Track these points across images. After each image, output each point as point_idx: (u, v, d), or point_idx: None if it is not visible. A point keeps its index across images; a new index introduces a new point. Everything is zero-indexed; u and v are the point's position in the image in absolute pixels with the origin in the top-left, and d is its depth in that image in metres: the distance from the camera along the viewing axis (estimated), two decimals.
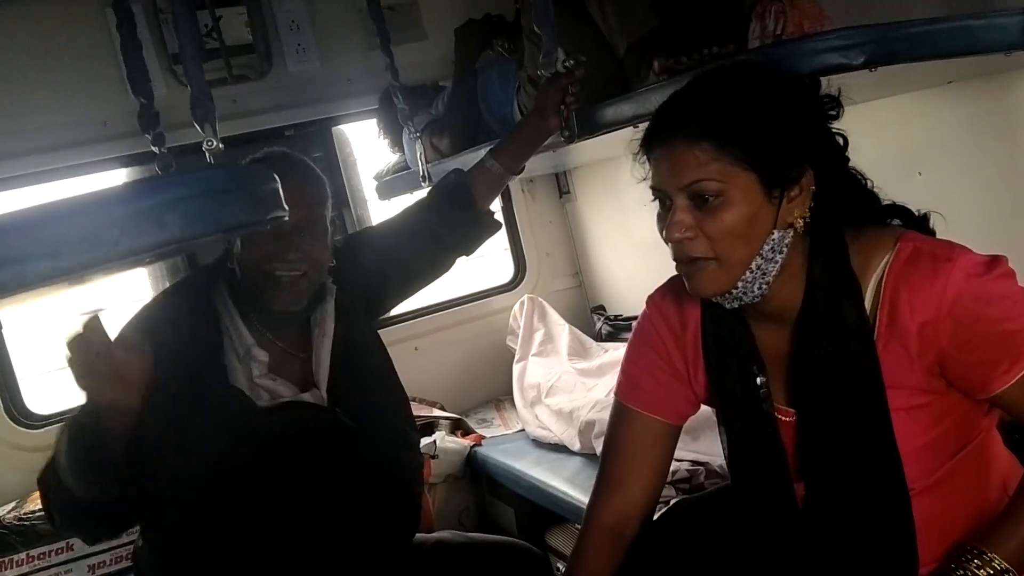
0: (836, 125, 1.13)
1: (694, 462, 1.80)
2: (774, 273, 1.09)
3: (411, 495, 1.69)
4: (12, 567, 1.97)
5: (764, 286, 1.10)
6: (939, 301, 1.02)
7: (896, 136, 1.75)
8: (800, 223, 1.07)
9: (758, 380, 1.17)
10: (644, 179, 1.14)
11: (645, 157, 1.13)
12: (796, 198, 1.07)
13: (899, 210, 1.17)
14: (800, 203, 1.07)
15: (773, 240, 1.07)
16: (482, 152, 1.81)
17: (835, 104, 1.12)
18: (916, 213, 1.17)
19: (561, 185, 3.06)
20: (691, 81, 1.13)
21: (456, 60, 2.34)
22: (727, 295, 1.11)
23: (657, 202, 1.13)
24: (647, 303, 1.34)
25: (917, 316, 1.03)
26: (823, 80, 1.13)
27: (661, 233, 1.11)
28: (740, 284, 1.09)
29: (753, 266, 1.08)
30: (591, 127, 1.60)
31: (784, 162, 1.05)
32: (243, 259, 1.51)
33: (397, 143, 2.52)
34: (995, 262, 1.03)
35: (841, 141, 1.13)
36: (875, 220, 1.15)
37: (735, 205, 1.05)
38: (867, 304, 1.08)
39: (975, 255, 1.04)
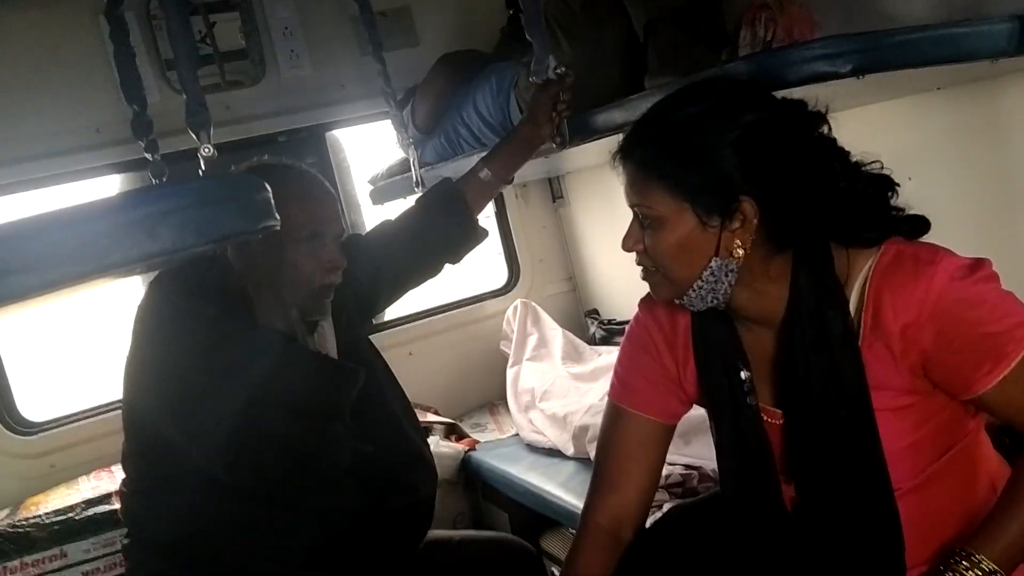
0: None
1: (687, 466, 1.80)
2: (725, 290, 1.11)
3: (424, 512, 1.67)
4: (6, 574, 1.97)
5: (718, 299, 1.13)
6: (921, 303, 1.03)
7: (885, 141, 1.71)
8: (740, 252, 1.08)
9: (742, 375, 1.19)
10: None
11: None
12: (737, 229, 1.07)
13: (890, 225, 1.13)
14: (741, 234, 1.07)
15: (712, 267, 1.09)
16: (474, 159, 1.81)
17: (820, 121, 1.10)
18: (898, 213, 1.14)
19: (554, 190, 3.06)
20: (653, 105, 1.16)
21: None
22: (683, 300, 1.15)
23: None
24: (639, 305, 1.35)
25: (900, 318, 1.04)
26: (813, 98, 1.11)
27: None
28: (689, 294, 1.13)
29: (696, 286, 1.11)
30: (582, 134, 1.61)
31: (716, 195, 1.06)
32: (293, 273, 1.44)
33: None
34: (978, 265, 1.04)
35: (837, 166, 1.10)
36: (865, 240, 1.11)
37: (668, 230, 1.10)
38: (852, 307, 1.09)
39: (958, 258, 1.05)
